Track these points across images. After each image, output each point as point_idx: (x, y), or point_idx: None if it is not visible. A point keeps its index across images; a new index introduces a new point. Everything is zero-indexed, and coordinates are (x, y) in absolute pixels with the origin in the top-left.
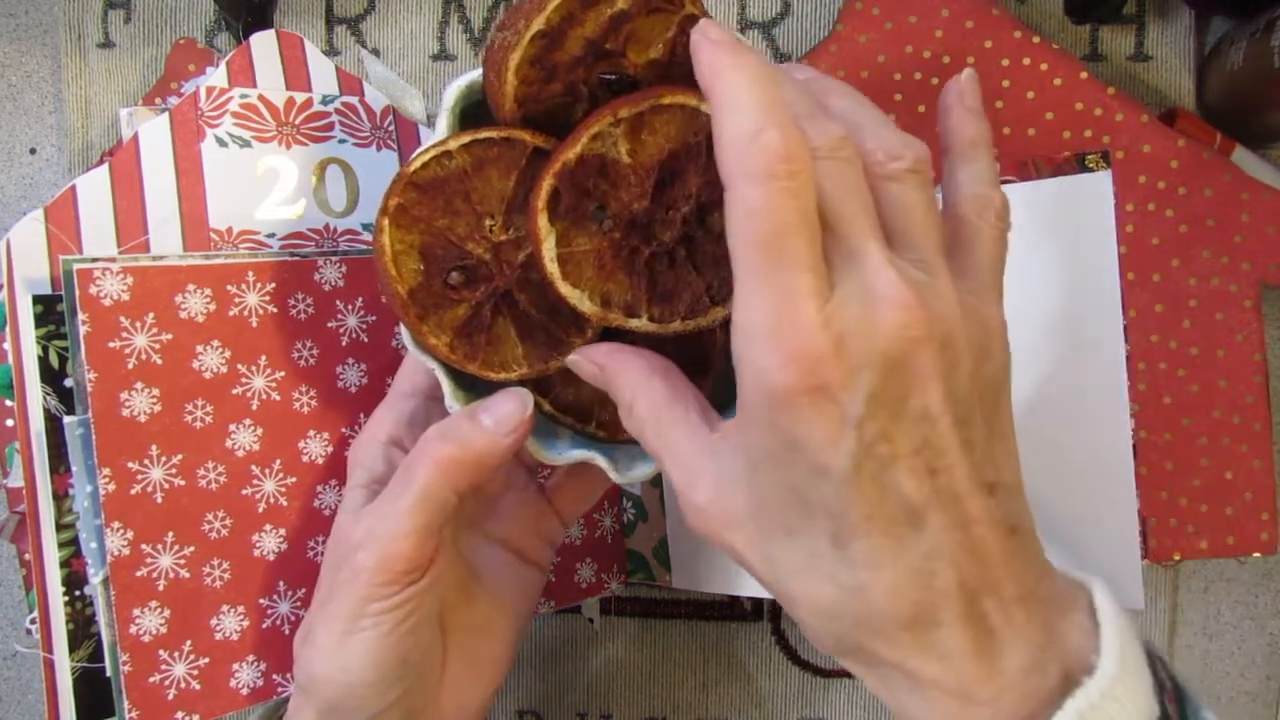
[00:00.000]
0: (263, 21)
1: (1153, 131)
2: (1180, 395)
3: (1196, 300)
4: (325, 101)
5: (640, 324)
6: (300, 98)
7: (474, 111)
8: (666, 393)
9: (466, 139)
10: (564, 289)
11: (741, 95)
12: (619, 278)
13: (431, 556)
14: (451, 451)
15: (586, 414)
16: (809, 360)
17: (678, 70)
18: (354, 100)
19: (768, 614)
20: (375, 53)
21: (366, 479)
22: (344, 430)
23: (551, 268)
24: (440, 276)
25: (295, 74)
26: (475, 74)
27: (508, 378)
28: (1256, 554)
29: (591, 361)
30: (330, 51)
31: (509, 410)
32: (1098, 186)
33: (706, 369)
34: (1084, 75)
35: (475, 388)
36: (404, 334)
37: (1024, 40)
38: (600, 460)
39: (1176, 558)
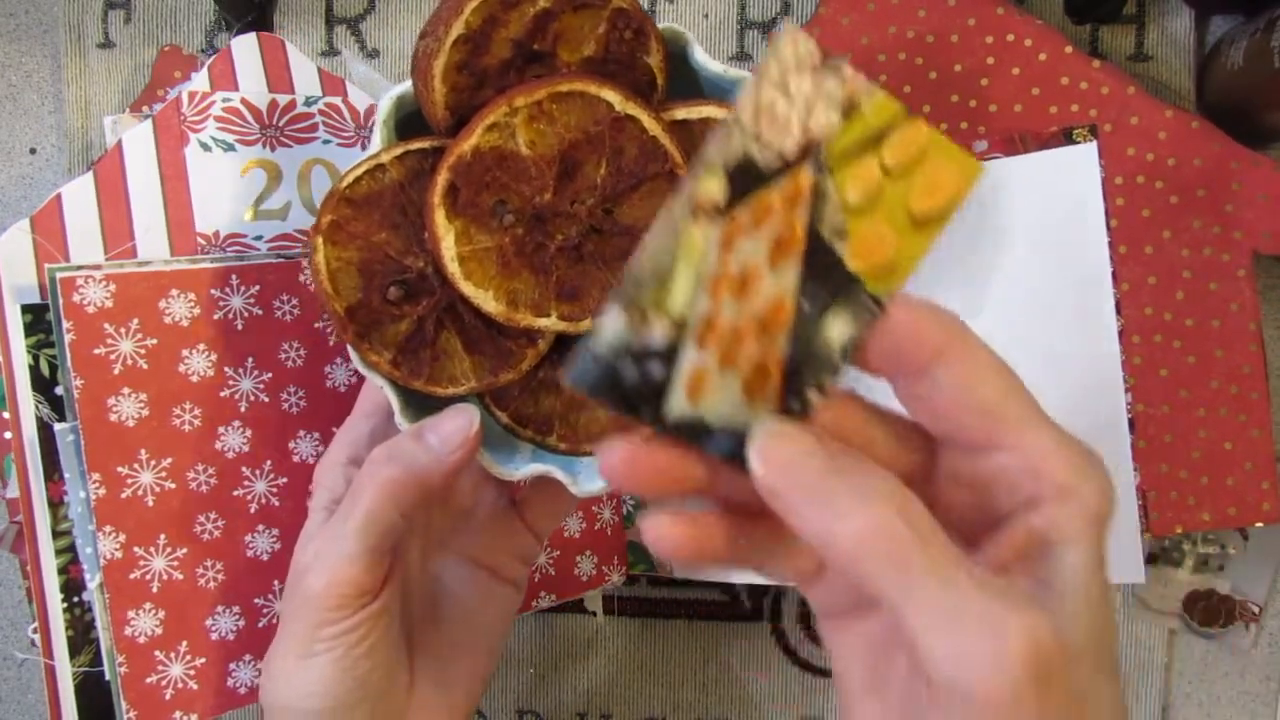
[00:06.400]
0: (263, 22)
1: (1140, 103)
2: (1177, 367)
3: (1190, 271)
4: (308, 103)
5: (550, 323)
6: (283, 100)
7: (414, 122)
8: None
9: (399, 151)
10: (467, 288)
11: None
12: (525, 275)
13: (383, 579)
14: (395, 473)
15: (547, 426)
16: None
17: (614, 67)
18: (337, 101)
19: (768, 614)
20: (375, 53)
21: (327, 500)
22: (334, 429)
23: (452, 267)
24: (379, 293)
25: (277, 76)
26: (407, 85)
27: (456, 393)
28: (1259, 524)
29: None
30: (330, 52)
31: (454, 428)
32: (1083, 158)
33: None
34: (1069, 49)
35: (426, 404)
36: (351, 353)
37: (1007, 16)
38: (559, 473)
39: (1179, 530)
